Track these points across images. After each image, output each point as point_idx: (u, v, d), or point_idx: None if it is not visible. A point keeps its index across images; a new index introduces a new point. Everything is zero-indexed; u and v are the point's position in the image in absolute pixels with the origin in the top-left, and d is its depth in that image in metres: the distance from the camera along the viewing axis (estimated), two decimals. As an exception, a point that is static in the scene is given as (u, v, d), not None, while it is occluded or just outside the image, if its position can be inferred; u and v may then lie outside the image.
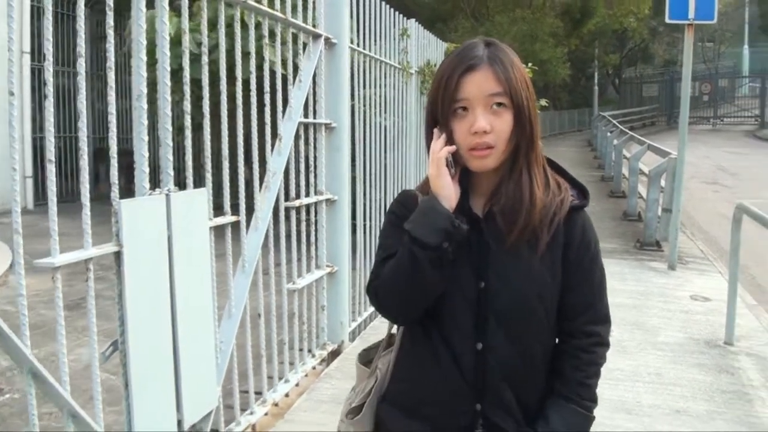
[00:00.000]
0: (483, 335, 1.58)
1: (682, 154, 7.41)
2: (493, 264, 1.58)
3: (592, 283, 1.65)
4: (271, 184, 3.62)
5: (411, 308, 1.62)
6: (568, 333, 1.65)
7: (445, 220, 1.52)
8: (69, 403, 2.23)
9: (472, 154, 1.54)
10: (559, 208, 1.58)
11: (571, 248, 1.62)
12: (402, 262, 1.56)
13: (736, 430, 3.71)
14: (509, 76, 1.52)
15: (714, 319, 5.65)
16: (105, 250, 2.37)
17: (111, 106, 2.41)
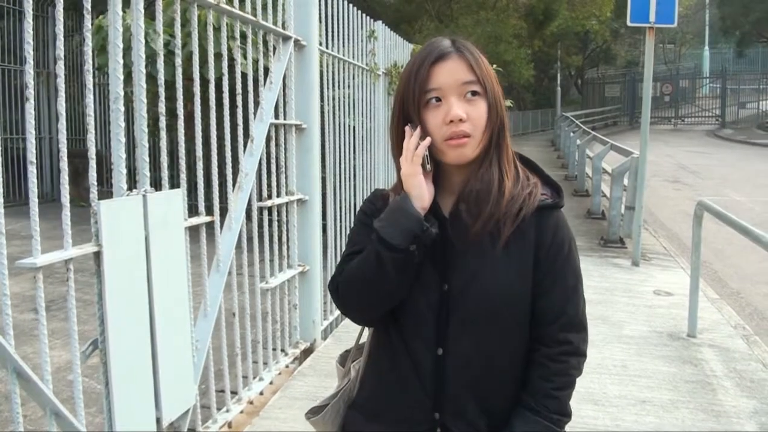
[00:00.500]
0: (444, 340, 1.52)
1: (644, 154, 7.58)
2: (457, 265, 1.52)
3: (565, 287, 1.56)
4: (244, 185, 3.66)
5: (371, 309, 1.58)
6: (539, 340, 1.56)
7: (414, 222, 1.46)
8: (52, 401, 2.26)
9: (449, 144, 1.48)
10: (527, 202, 1.52)
11: (542, 248, 1.54)
12: (367, 261, 1.51)
13: (700, 417, 3.84)
14: (479, 65, 1.50)
15: (677, 312, 5.80)
16: (85, 250, 2.40)
17: (89, 108, 2.45)
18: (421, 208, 1.48)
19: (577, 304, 1.57)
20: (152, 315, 2.74)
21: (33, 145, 2.21)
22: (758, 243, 3.85)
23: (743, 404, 4.06)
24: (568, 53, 30.78)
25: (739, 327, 5.60)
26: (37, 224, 2.22)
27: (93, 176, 2.47)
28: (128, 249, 2.60)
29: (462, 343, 1.51)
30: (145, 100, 2.74)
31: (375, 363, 1.66)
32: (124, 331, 2.57)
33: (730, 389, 4.28)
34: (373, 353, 1.67)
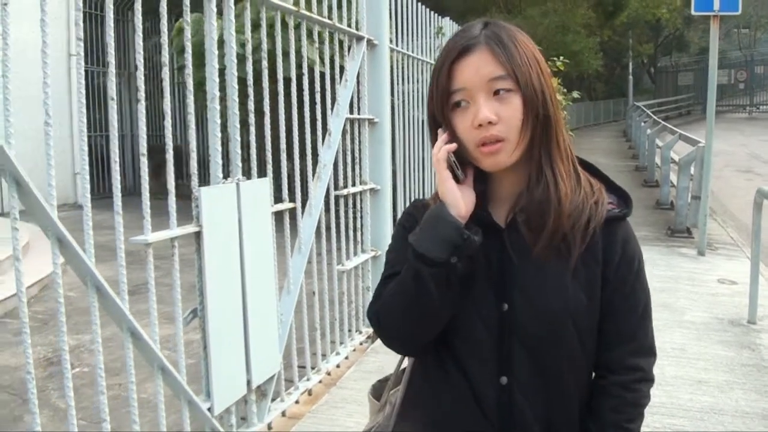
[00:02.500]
0: (508, 367, 1.35)
1: (710, 143, 7.66)
2: (518, 282, 1.35)
3: (635, 308, 1.40)
4: (323, 175, 4.00)
5: (416, 336, 1.40)
6: (607, 367, 1.40)
7: (453, 230, 1.30)
8: (159, 357, 2.63)
9: (481, 151, 1.32)
10: (595, 212, 1.35)
11: (610, 266, 1.37)
12: (405, 281, 1.35)
13: (753, 397, 4.01)
14: (512, 55, 1.30)
15: (739, 300, 5.91)
16: (188, 230, 2.76)
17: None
18: (458, 215, 1.32)
19: (647, 327, 1.42)
20: (244, 289, 3.10)
21: (144, 140, 2.56)
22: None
23: (797, 386, 4.21)
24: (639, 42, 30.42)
25: (801, 315, 5.69)
26: (148, 207, 2.58)
27: (194, 167, 2.83)
28: (224, 230, 2.95)
29: (527, 370, 1.35)
30: (237, 99, 3.09)
31: (422, 394, 1.46)
32: (220, 301, 2.93)
33: (785, 372, 4.42)
34: (416, 383, 1.49)
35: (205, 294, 2.84)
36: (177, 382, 2.72)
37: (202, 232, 2.80)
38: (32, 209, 2.10)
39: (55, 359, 5.10)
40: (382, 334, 1.44)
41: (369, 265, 4.87)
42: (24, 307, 2.05)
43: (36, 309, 6.25)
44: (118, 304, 2.40)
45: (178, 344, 2.79)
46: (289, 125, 3.63)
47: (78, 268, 2.27)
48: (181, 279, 2.80)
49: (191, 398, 2.79)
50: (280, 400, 3.63)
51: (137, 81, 2.53)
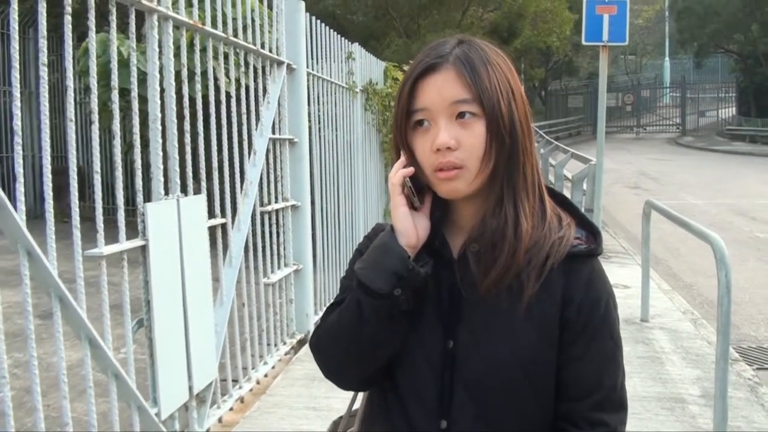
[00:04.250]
0: (447, 410, 1.25)
1: (600, 160, 8.26)
2: (466, 319, 1.25)
3: (600, 355, 1.26)
4: (249, 192, 4.21)
5: (356, 370, 1.32)
6: (567, 418, 1.26)
7: (398, 261, 1.22)
8: (114, 364, 2.79)
9: (438, 176, 1.22)
10: (555, 249, 1.24)
11: (570, 306, 1.24)
12: (346, 311, 1.27)
13: (649, 384, 4.44)
14: (479, 78, 1.19)
15: (633, 302, 6.40)
16: (135, 244, 2.94)
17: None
18: (408, 245, 1.23)
19: (615, 376, 1.27)
20: (185, 300, 3.28)
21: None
22: (693, 233, 4.45)
23: (688, 373, 4.68)
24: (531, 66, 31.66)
25: (688, 312, 6.25)
26: (101, 221, 2.75)
27: (140, 183, 3.01)
28: (167, 243, 3.14)
29: (469, 415, 1.24)
30: (175, 121, 3.28)
31: (368, 428, 1.40)
32: (164, 312, 3.10)
33: (677, 362, 4.90)
34: (366, 421, 1.41)
35: (151, 304, 3.01)
36: (129, 389, 2.88)
37: (148, 245, 2.98)
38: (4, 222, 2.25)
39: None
40: (320, 365, 1.36)
41: (292, 278, 5.09)
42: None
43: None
44: (79, 313, 2.56)
45: (128, 354, 2.95)
46: (219, 144, 3.83)
47: (43, 278, 2.42)
48: (115, 293, 2.97)
49: (141, 404, 2.95)
50: (217, 407, 3.80)
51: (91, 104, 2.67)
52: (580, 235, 1.30)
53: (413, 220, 1.26)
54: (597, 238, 1.31)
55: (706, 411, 4.01)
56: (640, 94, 42.37)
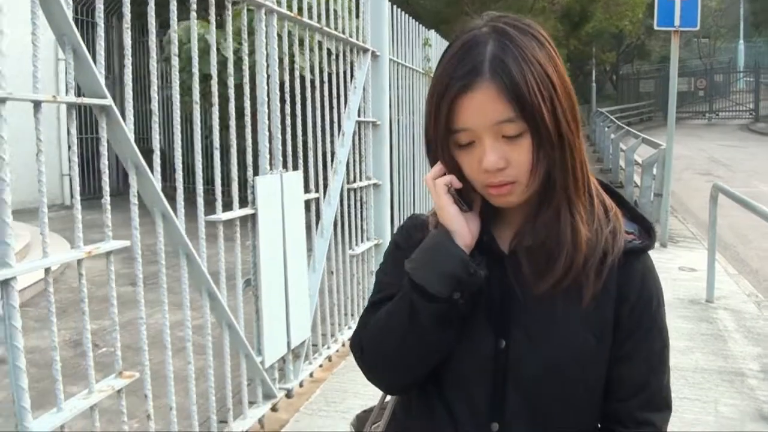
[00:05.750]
0: (500, 412, 1.20)
1: (671, 145, 8.40)
2: (519, 317, 1.20)
3: (650, 354, 1.23)
4: (339, 170, 4.59)
5: (405, 375, 1.26)
6: (615, 418, 1.24)
7: (458, 263, 1.16)
8: (228, 316, 3.19)
9: (490, 192, 1.17)
10: (611, 246, 1.19)
11: (625, 305, 1.21)
12: (398, 313, 1.21)
13: (711, 359, 4.68)
14: (520, 91, 1.09)
15: (699, 284, 6.59)
16: (245, 212, 3.33)
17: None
18: (464, 245, 1.18)
19: (662, 376, 1.25)
20: (285, 264, 3.67)
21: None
22: (759, 216, 4.66)
23: (749, 350, 4.89)
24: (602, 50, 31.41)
25: (753, 295, 6.41)
26: (219, 190, 3.14)
27: (249, 159, 3.40)
28: (272, 213, 3.52)
29: (522, 417, 1.20)
30: (279, 104, 3.66)
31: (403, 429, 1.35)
32: (269, 273, 3.50)
33: (738, 340, 5.11)
34: (399, 420, 1.36)
35: (258, 266, 3.41)
36: (239, 338, 3.29)
37: (257, 214, 3.37)
38: (143, 187, 2.64)
39: (81, 340, 5.60)
40: (365, 369, 1.30)
41: (373, 251, 5.46)
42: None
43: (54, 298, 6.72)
44: (202, 268, 2.96)
45: (238, 309, 3.35)
46: (313, 126, 4.21)
47: (173, 237, 2.82)
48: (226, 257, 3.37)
49: (248, 352, 3.36)
50: (309, 363, 4.20)
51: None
52: (633, 229, 1.26)
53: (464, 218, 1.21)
54: (650, 233, 1.27)
55: (764, 384, 4.23)
56: (713, 79, 41.33)
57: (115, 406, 2.54)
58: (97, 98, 2.25)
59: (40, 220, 2.05)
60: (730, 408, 3.95)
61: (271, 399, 3.64)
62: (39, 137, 1.95)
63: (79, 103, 2.14)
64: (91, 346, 2.33)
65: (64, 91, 2.14)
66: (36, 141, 1.96)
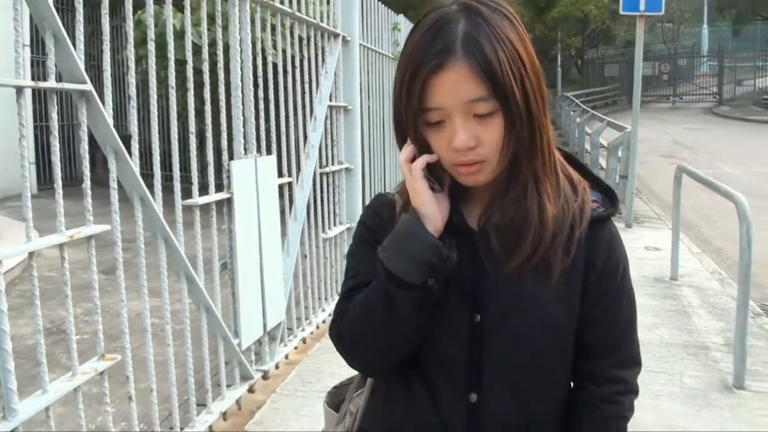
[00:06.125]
0: (477, 384, 1.24)
1: (635, 128, 8.56)
2: (492, 292, 1.22)
3: (619, 318, 1.29)
4: (311, 154, 4.63)
5: (386, 359, 1.28)
6: (587, 377, 1.30)
7: (430, 249, 1.16)
8: (206, 299, 3.24)
9: (459, 170, 1.18)
10: (578, 219, 1.22)
11: (592, 272, 1.25)
12: (374, 301, 1.23)
13: (676, 333, 4.82)
14: (492, 69, 1.10)
15: (663, 263, 6.74)
16: (221, 196, 3.37)
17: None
18: (435, 230, 1.19)
19: (631, 338, 1.32)
20: (261, 248, 3.71)
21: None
22: (720, 194, 4.79)
23: (713, 325, 5.05)
24: (568, 35, 31.60)
25: (716, 273, 6.58)
26: (196, 175, 3.18)
27: (224, 143, 3.43)
28: (248, 196, 3.57)
29: (499, 388, 1.24)
30: (252, 89, 3.70)
31: (385, 406, 1.36)
32: (245, 257, 3.54)
33: (702, 315, 5.26)
34: (381, 394, 1.37)
35: (234, 250, 3.46)
36: (216, 320, 3.34)
37: (232, 198, 3.41)
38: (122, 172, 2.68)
39: (54, 329, 5.60)
40: (346, 356, 1.32)
41: (345, 235, 5.52)
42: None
43: (22, 288, 6.69)
44: (180, 251, 3.00)
45: (215, 292, 3.39)
46: (285, 110, 4.25)
47: (151, 221, 2.86)
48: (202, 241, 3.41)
49: (226, 334, 3.41)
50: (284, 345, 4.26)
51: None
52: (596, 197, 1.29)
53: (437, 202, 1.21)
54: (614, 201, 1.31)
55: (727, 357, 4.37)
56: (677, 63, 41.80)
57: (92, 391, 2.58)
58: (77, 83, 2.27)
59: (23, 204, 2.08)
60: (695, 379, 4.09)
61: (248, 380, 3.70)
62: (22, 123, 1.98)
63: (60, 89, 2.16)
64: (73, 329, 2.35)
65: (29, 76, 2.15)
66: (19, 126, 1.99)
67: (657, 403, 3.75)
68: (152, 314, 2.95)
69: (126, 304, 2.69)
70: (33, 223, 2.16)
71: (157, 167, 2.87)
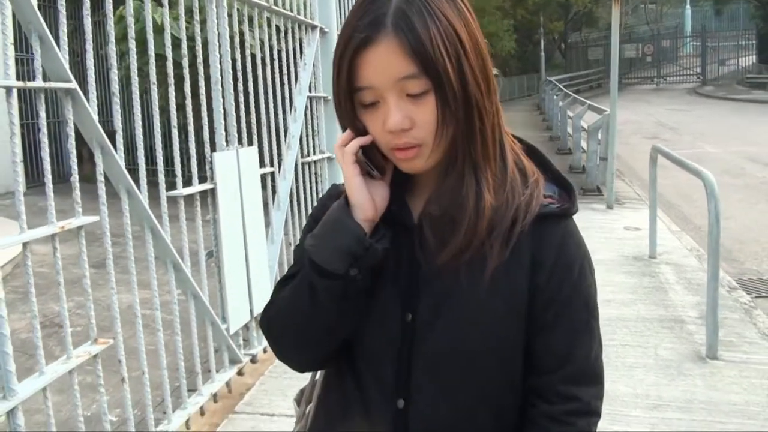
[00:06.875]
0: (406, 388, 1.17)
1: (614, 111, 8.70)
2: (425, 290, 1.16)
3: (572, 323, 1.17)
4: (292, 144, 4.75)
5: (311, 353, 1.23)
6: (536, 392, 1.18)
7: (353, 238, 1.10)
8: (193, 286, 3.37)
9: (396, 155, 1.11)
10: (523, 212, 1.13)
11: (540, 272, 1.15)
12: (298, 290, 1.17)
13: (652, 308, 4.98)
14: (423, 45, 1.04)
15: (642, 242, 6.89)
16: (204, 187, 3.49)
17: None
18: (364, 219, 1.12)
19: (588, 347, 1.18)
20: (245, 236, 3.84)
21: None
22: (689, 171, 4.95)
23: (689, 299, 5.21)
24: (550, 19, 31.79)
25: (694, 250, 6.74)
26: (178, 167, 3.30)
27: (206, 135, 3.55)
28: (230, 187, 3.69)
29: (428, 393, 1.16)
30: (231, 82, 3.81)
31: (323, 411, 1.32)
32: (230, 246, 3.67)
33: (679, 291, 5.43)
34: (323, 396, 1.33)
35: (219, 238, 3.58)
36: (204, 306, 3.46)
37: (216, 189, 3.53)
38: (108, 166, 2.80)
39: (47, 322, 5.71)
40: (273, 347, 1.27)
41: (329, 223, 5.65)
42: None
43: (14, 284, 6.80)
44: (166, 241, 3.12)
45: (202, 279, 3.52)
46: (265, 102, 4.37)
47: (138, 213, 2.98)
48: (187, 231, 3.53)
49: (214, 319, 3.54)
50: (271, 330, 4.38)
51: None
52: (552, 192, 1.20)
53: (370, 190, 1.13)
54: (571, 196, 1.21)
55: (701, 329, 4.52)
56: (660, 44, 42.13)
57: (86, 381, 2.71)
58: (62, 82, 2.39)
59: (16, 198, 2.19)
60: (669, 351, 4.25)
61: (237, 364, 3.84)
62: (12, 121, 2.10)
63: (47, 87, 2.28)
64: (67, 314, 2.47)
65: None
66: (9, 125, 2.11)
67: (631, 374, 3.90)
68: (142, 306, 3.07)
69: (116, 291, 2.81)
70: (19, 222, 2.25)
71: (141, 161, 3.00)
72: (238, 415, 3.57)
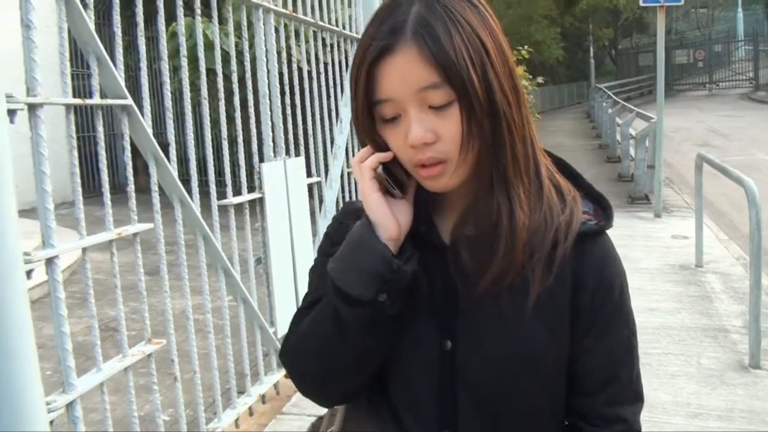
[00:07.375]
0: (450, 420, 1.11)
1: (661, 118, 8.69)
2: (464, 315, 1.10)
3: (616, 344, 1.14)
4: (338, 155, 4.89)
5: (336, 386, 1.16)
6: (580, 415, 1.15)
7: (379, 260, 1.03)
8: (243, 290, 3.50)
9: (420, 173, 1.05)
10: (564, 233, 1.08)
11: (582, 293, 1.11)
12: (322, 319, 1.10)
13: (696, 318, 4.98)
14: (445, 53, 0.98)
15: (690, 251, 6.86)
16: (253, 196, 3.63)
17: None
18: (388, 239, 1.05)
19: (631, 367, 1.16)
20: (292, 243, 3.97)
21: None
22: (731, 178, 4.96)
23: (734, 308, 5.20)
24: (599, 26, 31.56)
25: (741, 259, 6.69)
26: (229, 177, 3.44)
27: (255, 146, 3.69)
28: (278, 196, 3.82)
29: (475, 424, 1.11)
30: (279, 96, 3.95)
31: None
32: (277, 251, 3.80)
33: (724, 300, 5.41)
34: (355, 422, 1.24)
35: (267, 245, 3.72)
36: (253, 311, 3.60)
37: (264, 198, 3.67)
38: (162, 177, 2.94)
39: (102, 326, 5.92)
40: (295, 381, 1.20)
41: (375, 231, 5.77)
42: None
43: (71, 290, 7.05)
44: (217, 247, 3.27)
45: (251, 284, 3.66)
46: (312, 114, 4.51)
47: (190, 221, 3.12)
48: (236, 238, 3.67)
49: (262, 323, 3.68)
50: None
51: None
52: (588, 209, 1.15)
53: (391, 208, 1.07)
54: (607, 211, 1.16)
55: (745, 338, 4.51)
56: (712, 49, 41.37)
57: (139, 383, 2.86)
58: (119, 99, 2.55)
59: (75, 207, 2.34)
60: (712, 360, 4.26)
61: (285, 367, 3.96)
62: (71, 135, 2.25)
63: (104, 104, 2.44)
64: (123, 315, 2.62)
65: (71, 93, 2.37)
66: (68, 138, 2.26)
67: (673, 382, 3.93)
68: (194, 311, 3.21)
69: (169, 294, 2.95)
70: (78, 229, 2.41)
71: (193, 171, 3.15)
72: (285, 416, 3.70)
